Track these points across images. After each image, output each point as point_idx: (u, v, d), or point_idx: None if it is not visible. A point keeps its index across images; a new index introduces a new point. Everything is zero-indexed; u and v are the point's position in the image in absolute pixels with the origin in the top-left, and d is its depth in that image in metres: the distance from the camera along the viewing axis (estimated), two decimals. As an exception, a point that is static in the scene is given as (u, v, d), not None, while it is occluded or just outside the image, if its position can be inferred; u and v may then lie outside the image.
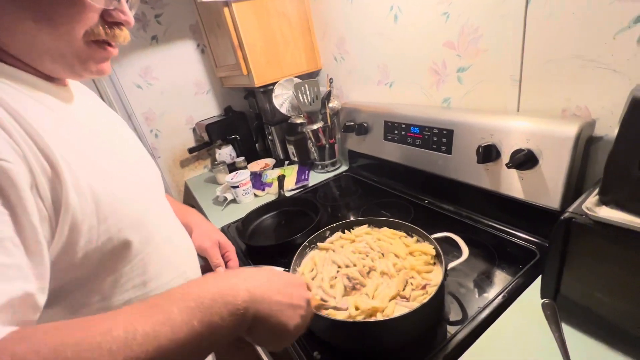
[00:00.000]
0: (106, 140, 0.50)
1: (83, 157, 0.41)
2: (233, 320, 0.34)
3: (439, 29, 0.85)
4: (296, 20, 1.29)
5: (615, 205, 0.44)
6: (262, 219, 1.09)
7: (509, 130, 0.72)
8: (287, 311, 0.40)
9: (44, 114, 0.40)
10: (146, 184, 0.55)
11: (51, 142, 0.37)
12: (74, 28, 0.38)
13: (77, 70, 0.43)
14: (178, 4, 1.47)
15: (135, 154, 0.57)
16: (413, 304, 0.57)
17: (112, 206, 0.43)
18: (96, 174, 0.42)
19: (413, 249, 0.69)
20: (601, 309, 0.48)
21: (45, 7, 0.36)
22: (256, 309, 0.37)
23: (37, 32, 0.37)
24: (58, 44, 0.39)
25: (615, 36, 0.56)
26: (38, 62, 0.40)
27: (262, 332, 0.38)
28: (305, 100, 1.25)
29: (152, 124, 1.56)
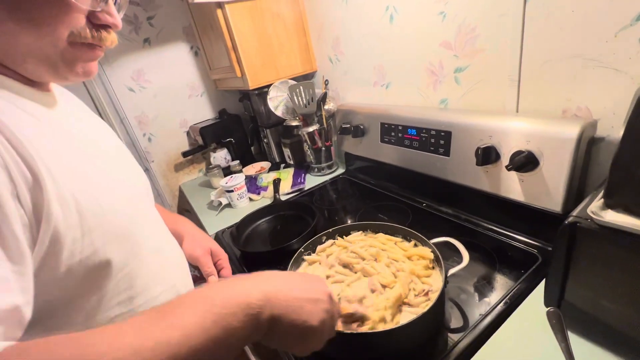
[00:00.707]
0: (90, 148, 0.47)
1: (67, 167, 0.39)
2: (248, 322, 0.32)
3: (436, 29, 0.83)
4: (291, 22, 1.27)
5: (622, 209, 0.42)
6: (257, 224, 1.07)
7: (508, 132, 0.70)
8: (307, 306, 0.37)
9: (27, 122, 0.38)
10: (133, 193, 0.52)
11: (33, 151, 0.35)
12: (58, 29, 0.37)
13: (62, 73, 0.40)
14: (171, 6, 1.45)
15: (122, 163, 0.54)
16: (418, 310, 0.55)
17: (97, 218, 0.41)
18: (80, 184, 0.40)
19: (411, 254, 0.67)
20: (608, 316, 0.46)
21: (26, 8, 0.34)
22: (272, 307, 0.34)
23: (19, 33, 0.35)
24: (41, 45, 0.37)
25: (616, 34, 0.55)
26: (20, 64, 0.38)
27: (282, 333, 0.36)
28: (300, 103, 1.23)
29: (145, 128, 1.54)
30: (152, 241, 0.52)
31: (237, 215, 1.10)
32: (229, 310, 0.31)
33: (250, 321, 0.32)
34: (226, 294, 0.33)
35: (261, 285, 0.36)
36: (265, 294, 0.34)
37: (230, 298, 0.32)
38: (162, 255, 0.55)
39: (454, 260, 0.63)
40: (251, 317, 0.32)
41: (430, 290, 0.59)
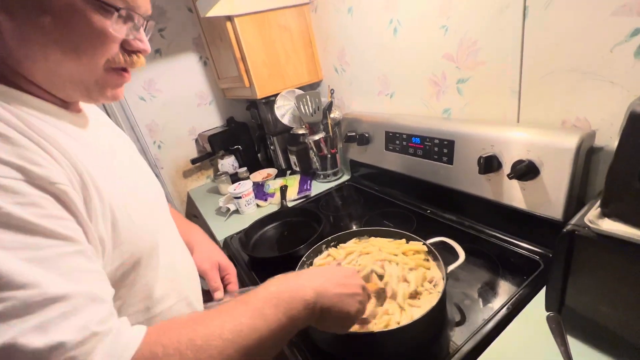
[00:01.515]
0: (120, 165, 0.50)
1: (105, 184, 0.42)
2: (306, 314, 0.42)
3: (438, 42, 0.86)
4: (297, 33, 1.31)
5: (617, 218, 0.44)
6: (265, 230, 1.09)
7: (509, 141, 0.72)
8: (347, 300, 0.47)
9: (70, 143, 0.41)
10: (154, 205, 0.55)
11: (82, 166, 0.39)
12: (97, 57, 0.41)
13: (93, 96, 0.44)
14: (181, 18, 1.51)
15: (145, 176, 0.57)
16: (424, 301, 0.61)
17: (128, 232, 0.44)
18: (117, 200, 0.43)
19: (405, 249, 0.71)
20: (607, 321, 0.48)
21: (72, 39, 0.38)
22: (322, 302, 0.44)
23: (63, 61, 0.39)
24: (80, 72, 0.41)
25: (612, 49, 0.57)
26: (60, 88, 0.42)
27: (328, 321, 0.46)
28: (307, 111, 1.26)
29: (155, 136, 1.58)
30: (167, 253, 0.54)
31: (245, 221, 1.13)
32: (293, 305, 0.41)
33: (307, 312, 0.42)
34: (289, 290, 0.42)
35: (312, 282, 0.45)
36: (316, 291, 0.44)
37: (292, 294, 0.42)
38: (176, 267, 0.57)
39: (451, 260, 0.65)
40: (308, 310, 0.42)
41: (433, 279, 0.64)
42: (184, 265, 0.61)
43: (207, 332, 0.35)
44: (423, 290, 0.62)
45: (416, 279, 0.63)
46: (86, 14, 0.38)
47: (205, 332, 0.35)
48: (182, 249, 0.63)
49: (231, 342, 0.35)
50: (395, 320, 0.57)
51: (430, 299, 0.60)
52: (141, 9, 0.43)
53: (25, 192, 0.32)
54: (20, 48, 0.37)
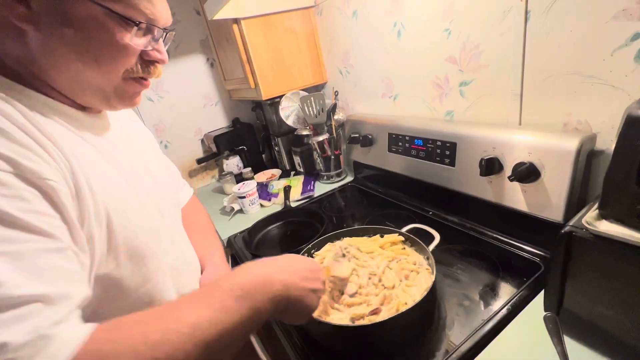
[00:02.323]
0: (130, 170, 0.51)
1: (106, 187, 0.44)
2: (270, 306, 0.41)
3: (441, 45, 0.87)
4: (303, 36, 1.33)
5: (614, 220, 0.45)
6: (268, 229, 1.11)
7: (511, 144, 0.73)
8: (310, 295, 0.48)
9: (77, 143, 0.43)
10: (162, 208, 0.56)
11: (78, 166, 0.40)
12: (117, 67, 0.43)
13: (112, 103, 0.47)
14: (189, 21, 1.53)
15: (156, 177, 0.58)
16: (417, 283, 0.64)
17: (125, 237, 0.45)
18: (116, 205, 0.44)
19: (382, 243, 0.75)
20: (604, 322, 0.48)
21: (93, 50, 0.41)
22: (288, 295, 0.44)
23: (84, 70, 0.41)
24: (100, 81, 0.43)
25: (613, 53, 0.58)
26: (80, 95, 0.44)
27: (290, 313, 0.46)
28: (311, 113, 1.27)
29: (162, 136, 1.61)
30: (170, 258, 0.55)
31: (249, 220, 1.15)
32: (258, 297, 0.40)
33: (272, 304, 0.41)
34: (255, 282, 0.41)
35: (280, 274, 0.44)
36: (283, 284, 0.43)
37: (257, 285, 0.41)
38: (179, 273, 0.57)
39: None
40: (273, 304, 0.42)
41: (416, 261, 0.69)
42: (188, 270, 0.62)
43: (163, 326, 0.34)
44: (409, 272, 0.67)
45: (399, 265, 0.68)
46: (107, 27, 0.40)
47: (161, 326, 0.34)
48: (187, 256, 0.63)
49: (190, 336, 0.34)
50: (402, 301, 0.60)
51: (421, 278, 0.65)
52: (160, 22, 0.45)
53: (13, 184, 0.33)
54: (44, 57, 0.40)
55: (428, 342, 0.59)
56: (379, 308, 0.59)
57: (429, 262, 0.68)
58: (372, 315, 0.58)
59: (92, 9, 0.39)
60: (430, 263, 0.67)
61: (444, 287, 0.70)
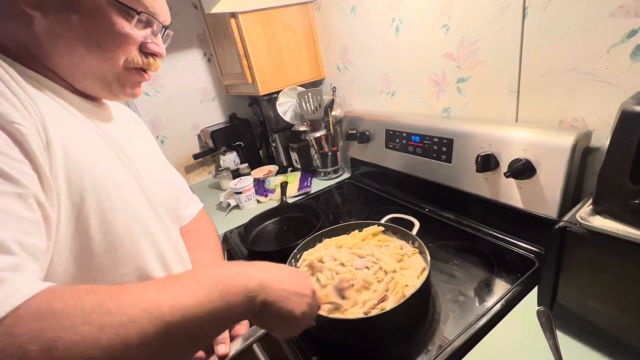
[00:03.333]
0: (129, 157, 0.51)
1: (88, 155, 0.43)
2: (245, 302, 0.38)
3: (439, 41, 0.87)
4: (301, 31, 1.32)
5: (608, 215, 0.45)
6: (264, 225, 1.11)
7: (507, 140, 0.73)
8: (293, 298, 0.43)
9: (60, 112, 0.43)
10: (157, 210, 0.54)
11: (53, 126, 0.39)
12: (118, 55, 0.45)
13: (114, 91, 0.48)
14: (186, 15, 1.52)
15: (156, 180, 0.57)
16: (410, 264, 0.67)
17: (100, 210, 0.43)
18: (97, 175, 0.43)
19: (364, 236, 0.77)
20: (596, 317, 0.48)
21: (96, 37, 0.43)
22: (265, 294, 0.40)
23: (86, 56, 0.44)
24: (102, 67, 0.45)
25: (609, 50, 0.58)
26: (80, 80, 0.46)
27: (269, 317, 0.41)
28: (308, 109, 1.27)
29: (158, 131, 1.60)
30: (158, 257, 0.53)
31: (245, 216, 1.14)
32: (232, 290, 0.37)
33: (247, 302, 0.38)
34: (230, 275, 0.38)
35: (258, 273, 0.41)
36: (261, 281, 0.40)
37: (233, 280, 0.38)
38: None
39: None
40: (248, 299, 0.38)
41: (402, 246, 0.73)
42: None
43: (121, 298, 0.31)
44: (401, 256, 0.69)
45: (389, 251, 0.70)
46: (110, 16, 0.43)
47: (119, 298, 0.31)
48: (187, 266, 0.61)
49: (147, 312, 0.30)
50: (403, 284, 0.61)
51: (412, 260, 0.68)
52: (160, 17, 0.48)
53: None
54: (49, 41, 0.42)
55: (422, 337, 0.60)
56: (386, 295, 0.60)
57: (416, 245, 0.71)
58: (382, 302, 0.59)
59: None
60: (419, 244, 0.70)
61: (439, 283, 0.71)
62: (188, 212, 0.74)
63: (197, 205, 0.78)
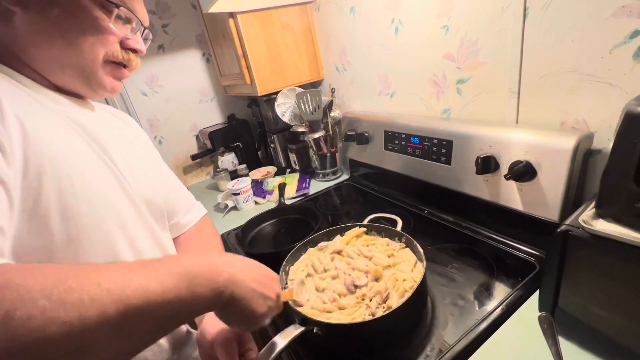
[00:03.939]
0: (97, 158, 0.50)
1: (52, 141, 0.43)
2: (212, 295, 0.37)
3: (439, 42, 0.86)
4: (300, 32, 1.31)
5: (612, 219, 0.44)
6: (262, 227, 1.09)
7: (507, 142, 0.72)
8: (258, 299, 0.43)
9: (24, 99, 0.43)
10: (132, 210, 0.53)
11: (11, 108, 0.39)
12: (97, 48, 0.46)
13: (93, 86, 0.49)
14: (185, 15, 1.51)
15: (138, 178, 0.55)
16: (401, 259, 0.67)
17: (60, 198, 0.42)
18: (61, 162, 0.42)
19: (348, 239, 0.76)
20: (599, 322, 0.47)
21: (76, 30, 0.44)
22: (232, 290, 0.40)
23: (66, 48, 0.44)
24: (81, 60, 0.46)
25: (611, 51, 0.57)
26: (59, 75, 0.46)
27: (232, 312, 0.42)
28: (307, 109, 1.26)
29: (156, 131, 1.59)
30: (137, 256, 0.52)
31: (243, 217, 1.13)
32: (200, 280, 0.36)
33: (213, 296, 0.38)
34: (200, 266, 0.38)
35: (230, 267, 0.41)
36: (231, 277, 0.40)
37: (203, 270, 0.37)
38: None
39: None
40: (215, 293, 0.38)
41: (388, 242, 0.73)
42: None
43: (85, 276, 0.30)
44: (391, 251, 0.70)
45: (377, 248, 0.71)
46: (90, 9, 0.44)
47: (84, 276, 0.30)
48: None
49: (110, 293, 0.30)
50: (402, 277, 0.62)
51: (403, 254, 0.69)
52: (139, 13, 0.50)
53: None
54: (29, 36, 0.42)
55: (421, 341, 0.59)
56: (389, 293, 0.59)
57: (403, 240, 0.72)
58: (386, 301, 0.58)
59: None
60: (406, 239, 0.71)
61: (438, 286, 0.70)
62: (188, 218, 0.73)
63: (198, 212, 0.77)
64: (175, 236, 0.70)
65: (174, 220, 0.70)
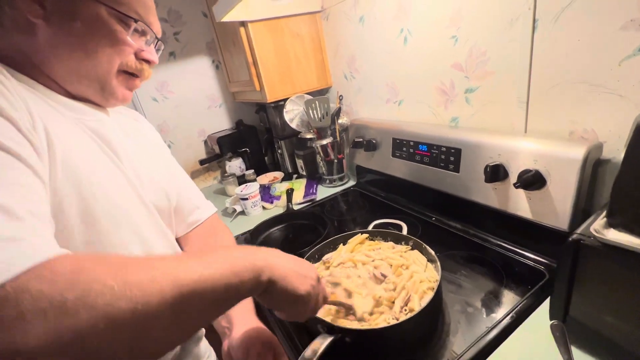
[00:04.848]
0: (111, 163, 0.51)
1: (72, 146, 0.44)
2: (252, 279, 0.39)
3: (448, 52, 0.88)
4: (309, 40, 1.34)
5: (623, 228, 0.45)
6: (270, 232, 1.11)
7: (516, 151, 0.73)
8: (297, 278, 0.45)
9: (47, 108, 0.45)
10: (148, 206, 0.55)
11: (38, 118, 0.40)
12: (114, 58, 0.48)
13: (106, 95, 0.51)
14: (196, 23, 1.54)
15: (145, 179, 0.57)
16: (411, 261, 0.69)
17: (82, 199, 0.44)
18: (81, 167, 0.44)
19: (352, 247, 0.78)
20: (611, 332, 0.48)
21: (95, 42, 0.46)
22: (270, 273, 0.41)
23: (84, 60, 0.46)
24: (97, 70, 0.48)
25: (620, 63, 0.58)
26: (75, 84, 0.48)
27: (275, 294, 0.43)
28: (315, 116, 1.28)
29: (165, 136, 1.61)
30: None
31: (251, 222, 1.14)
32: (241, 267, 0.39)
33: (254, 279, 0.40)
34: (240, 255, 0.40)
35: (265, 255, 0.43)
36: (266, 260, 0.42)
37: (242, 258, 0.40)
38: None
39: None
40: (255, 275, 0.40)
41: (393, 246, 0.76)
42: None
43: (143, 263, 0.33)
44: (399, 252, 0.72)
45: (384, 253, 0.73)
46: (109, 23, 0.46)
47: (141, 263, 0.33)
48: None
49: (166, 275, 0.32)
50: (419, 278, 0.64)
51: (411, 256, 0.70)
52: (153, 26, 0.52)
53: None
54: (50, 47, 0.44)
55: (432, 349, 0.59)
56: (410, 295, 0.60)
57: (410, 244, 0.75)
58: (408, 304, 0.59)
59: (97, 7, 0.45)
60: (414, 242, 0.73)
61: (447, 293, 0.70)
62: (198, 216, 0.75)
63: (209, 210, 0.79)
64: (185, 233, 0.72)
65: (185, 217, 0.71)
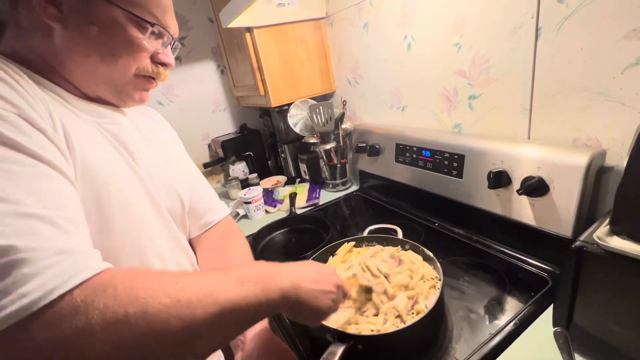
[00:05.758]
0: (135, 157, 0.52)
1: (91, 151, 0.45)
2: (281, 300, 0.42)
3: (451, 58, 0.88)
4: (313, 45, 1.35)
5: (626, 236, 0.45)
6: (273, 235, 1.11)
7: (519, 158, 0.73)
8: (320, 297, 0.48)
9: (67, 113, 0.45)
10: (161, 210, 0.55)
11: (59, 122, 0.41)
12: (130, 63, 0.48)
13: (123, 97, 0.51)
14: (202, 28, 1.57)
15: (159, 181, 0.57)
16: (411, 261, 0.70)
17: (98, 203, 0.44)
18: (99, 170, 0.45)
19: (342, 258, 0.78)
20: (615, 339, 0.47)
21: (112, 46, 0.46)
22: (297, 295, 0.44)
23: (100, 64, 0.46)
24: (114, 74, 0.48)
25: (623, 71, 0.58)
26: (92, 87, 0.48)
27: (299, 311, 0.47)
28: (319, 121, 1.29)
29: (170, 139, 1.62)
30: (162, 260, 0.54)
31: (253, 226, 1.15)
32: (270, 287, 0.41)
33: (281, 300, 0.42)
34: (270, 275, 0.43)
35: (291, 274, 0.45)
36: (293, 282, 0.44)
37: (271, 278, 0.42)
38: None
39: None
40: (284, 297, 0.43)
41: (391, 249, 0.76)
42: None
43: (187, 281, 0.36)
44: (398, 256, 0.72)
45: (380, 256, 0.72)
46: (126, 27, 0.46)
47: (185, 281, 0.36)
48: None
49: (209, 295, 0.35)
50: (420, 274, 0.66)
51: (409, 256, 0.72)
52: (170, 29, 0.51)
53: (17, 122, 0.35)
54: (67, 51, 0.44)
55: (434, 355, 0.59)
56: (416, 294, 0.61)
57: (406, 247, 0.75)
58: (415, 305, 0.60)
59: (113, 11, 0.44)
60: (410, 245, 0.74)
61: (449, 300, 0.70)
62: (211, 217, 0.74)
63: (221, 212, 0.77)
64: (199, 234, 0.72)
65: (199, 218, 0.71)
